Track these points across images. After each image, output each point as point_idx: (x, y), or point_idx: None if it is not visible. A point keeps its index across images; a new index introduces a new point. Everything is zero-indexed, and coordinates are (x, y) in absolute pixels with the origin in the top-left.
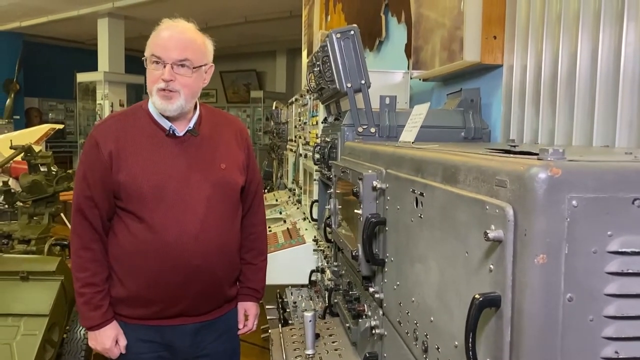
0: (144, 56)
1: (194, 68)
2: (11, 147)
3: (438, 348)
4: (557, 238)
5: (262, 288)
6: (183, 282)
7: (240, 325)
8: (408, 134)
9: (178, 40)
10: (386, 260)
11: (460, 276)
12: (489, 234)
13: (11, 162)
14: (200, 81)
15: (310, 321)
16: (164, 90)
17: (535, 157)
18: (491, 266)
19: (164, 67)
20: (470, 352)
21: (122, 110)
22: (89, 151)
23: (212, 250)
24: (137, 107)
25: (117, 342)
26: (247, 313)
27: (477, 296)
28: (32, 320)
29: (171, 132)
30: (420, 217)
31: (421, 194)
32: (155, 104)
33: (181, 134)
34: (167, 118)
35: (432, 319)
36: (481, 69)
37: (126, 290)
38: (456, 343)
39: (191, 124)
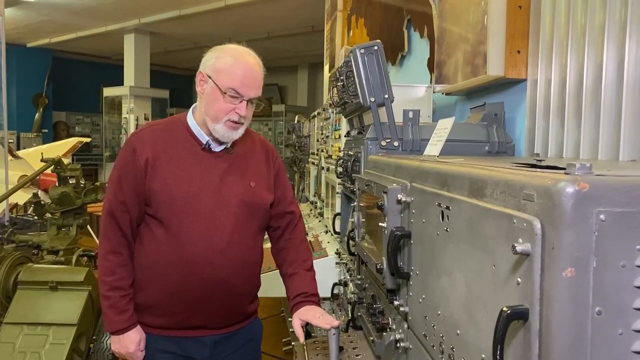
0: (194, 73)
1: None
2: (42, 160)
3: None
4: (585, 252)
5: (317, 292)
6: (205, 295)
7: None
8: (433, 148)
9: (255, 79)
10: (411, 273)
11: (488, 289)
12: (516, 247)
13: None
14: None
15: (334, 334)
16: (235, 122)
17: (563, 171)
18: (519, 279)
19: (240, 102)
20: None
21: (160, 120)
22: (125, 156)
23: (237, 265)
24: (176, 120)
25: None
26: (304, 318)
27: (505, 309)
28: (61, 329)
29: (207, 146)
30: (447, 230)
31: (447, 208)
32: (217, 132)
33: (217, 149)
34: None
35: (458, 331)
36: (505, 83)
37: (148, 297)
38: (483, 356)
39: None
